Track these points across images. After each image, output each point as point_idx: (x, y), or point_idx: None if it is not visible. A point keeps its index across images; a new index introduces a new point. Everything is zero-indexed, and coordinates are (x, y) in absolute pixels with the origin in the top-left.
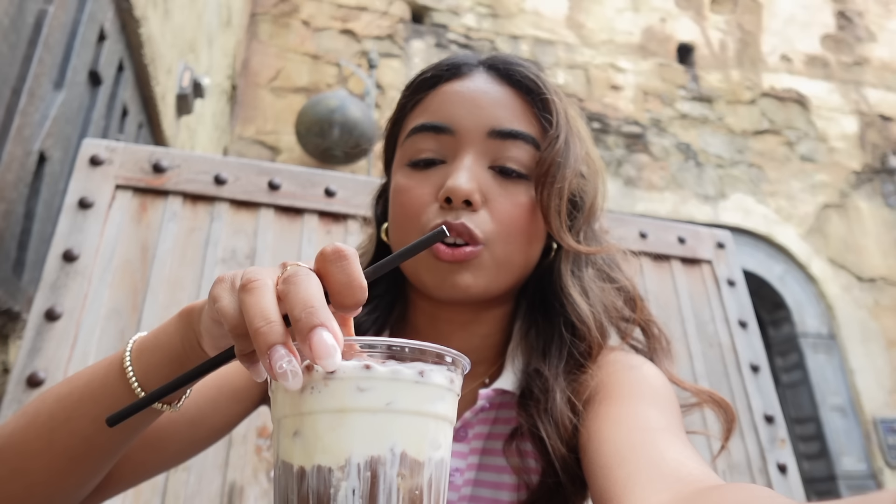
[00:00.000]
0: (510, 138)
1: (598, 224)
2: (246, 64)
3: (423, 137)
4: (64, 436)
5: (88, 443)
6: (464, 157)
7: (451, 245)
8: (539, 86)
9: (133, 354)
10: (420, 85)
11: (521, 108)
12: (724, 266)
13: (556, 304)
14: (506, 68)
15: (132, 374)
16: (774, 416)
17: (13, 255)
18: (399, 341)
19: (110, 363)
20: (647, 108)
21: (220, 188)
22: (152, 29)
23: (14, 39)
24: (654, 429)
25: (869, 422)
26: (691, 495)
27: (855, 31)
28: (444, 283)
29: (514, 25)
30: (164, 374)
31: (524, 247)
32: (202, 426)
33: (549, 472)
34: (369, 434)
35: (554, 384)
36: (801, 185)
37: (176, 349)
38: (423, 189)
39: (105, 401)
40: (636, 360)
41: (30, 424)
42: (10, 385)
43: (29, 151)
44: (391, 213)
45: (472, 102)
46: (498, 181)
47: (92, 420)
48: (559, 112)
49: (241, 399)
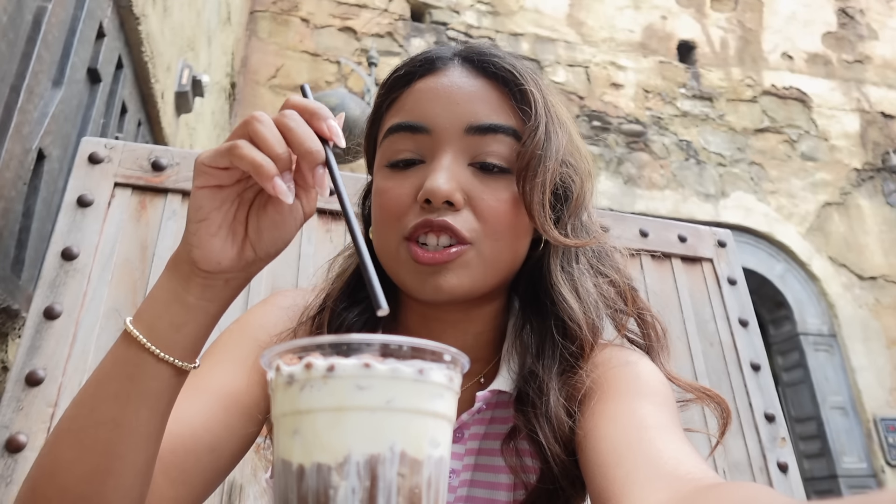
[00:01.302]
0: (489, 133)
1: (586, 215)
2: (245, 62)
3: (400, 138)
4: (91, 429)
5: (117, 427)
6: (442, 157)
7: (434, 248)
8: (515, 76)
9: (134, 321)
10: (394, 83)
11: (498, 101)
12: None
13: (547, 303)
14: (480, 60)
15: (137, 332)
16: (775, 414)
17: (12, 253)
18: (398, 339)
19: (115, 344)
20: (648, 107)
21: None
22: (151, 26)
23: (13, 37)
24: (651, 426)
25: (870, 421)
26: (690, 494)
27: (856, 29)
28: (425, 285)
29: (514, 23)
30: (167, 320)
31: (512, 243)
32: (222, 451)
33: (548, 475)
34: (368, 432)
35: (549, 386)
36: (802, 183)
37: (173, 290)
38: (402, 190)
39: (120, 371)
40: (632, 356)
41: (56, 438)
42: (9, 383)
43: (28, 149)
44: (374, 215)
45: (447, 99)
46: (479, 178)
47: (114, 398)
48: (537, 102)
49: (251, 416)
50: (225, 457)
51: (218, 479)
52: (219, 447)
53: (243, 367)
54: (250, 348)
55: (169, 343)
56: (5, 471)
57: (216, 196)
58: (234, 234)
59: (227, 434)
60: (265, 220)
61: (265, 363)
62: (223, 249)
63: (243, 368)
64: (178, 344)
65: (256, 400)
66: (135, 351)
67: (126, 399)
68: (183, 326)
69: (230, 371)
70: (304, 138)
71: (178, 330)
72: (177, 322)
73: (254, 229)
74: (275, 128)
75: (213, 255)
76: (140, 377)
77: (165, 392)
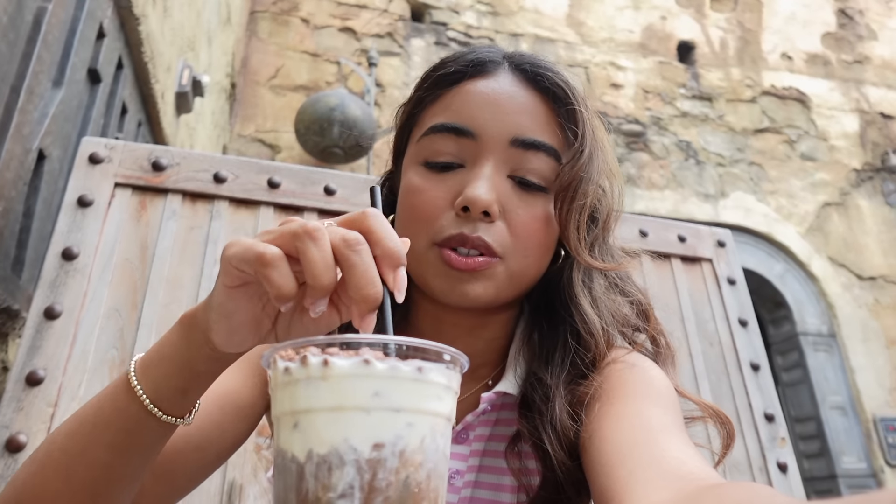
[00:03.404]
0: (532, 149)
1: (611, 238)
2: (245, 62)
3: (443, 138)
4: (82, 469)
5: (108, 471)
6: (484, 165)
7: (465, 255)
8: (567, 94)
9: (138, 372)
10: (441, 79)
11: (545, 117)
12: (725, 265)
13: (563, 313)
14: (533, 72)
15: (141, 390)
16: (774, 414)
17: (12, 253)
18: (398, 339)
19: (115, 387)
20: (648, 107)
21: (220, 186)
22: (151, 27)
23: (13, 37)
24: (655, 427)
25: (869, 421)
26: (692, 494)
27: (856, 30)
28: (453, 290)
29: (513, 23)
30: (173, 384)
31: (538, 259)
32: (209, 450)
33: (552, 482)
34: (367, 430)
35: (555, 393)
36: (802, 183)
37: (182, 355)
38: (437, 193)
39: (118, 423)
40: (638, 358)
41: (44, 466)
42: (10, 383)
43: (28, 149)
44: (399, 210)
45: (496, 106)
46: (516, 192)
47: (107, 447)
48: (585, 123)
49: (245, 416)
50: (212, 455)
51: (203, 475)
52: (207, 447)
53: (242, 367)
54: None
55: (172, 406)
56: (5, 470)
57: (243, 296)
58: (259, 327)
59: (217, 434)
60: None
61: (265, 362)
62: (243, 341)
63: (242, 368)
64: (180, 406)
65: (252, 400)
66: (136, 409)
67: (120, 449)
68: (188, 392)
69: (228, 371)
70: (367, 283)
71: (183, 395)
72: (182, 387)
73: (283, 327)
74: (330, 253)
75: (231, 344)
76: (138, 432)
77: (159, 443)
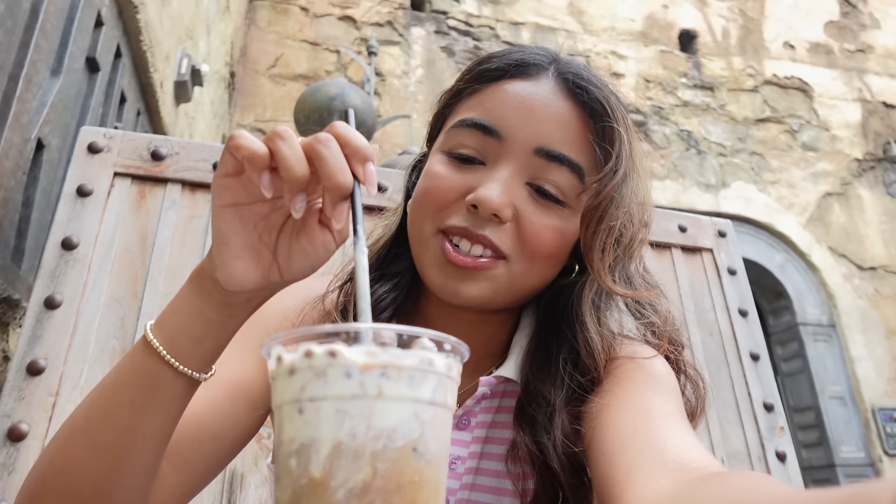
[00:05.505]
0: (556, 161)
1: (633, 265)
2: (244, 51)
3: (469, 132)
4: (105, 432)
5: (130, 433)
6: (502, 168)
7: (466, 253)
8: (606, 110)
9: (154, 329)
10: (481, 74)
11: (578, 131)
12: (725, 255)
13: (566, 328)
14: (576, 83)
15: (157, 343)
16: (774, 404)
17: (12, 243)
18: (398, 327)
19: (133, 350)
20: (649, 96)
21: None
22: (150, 15)
23: (11, 25)
24: (657, 416)
25: (868, 410)
26: (693, 482)
27: (859, 19)
28: (445, 286)
29: (514, 12)
30: (188, 334)
31: (543, 269)
32: (225, 440)
33: (549, 490)
34: (368, 419)
35: (556, 406)
36: (803, 173)
37: (195, 304)
38: (452, 183)
39: (138, 380)
40: (638, 347)
41: (68, 436)
42: (11, 373)
43: (27, 139)
44: (415, 192)
45: (528, 112)
46: (532, 199)
47: (129, 407)
48: (623, 144)
49: (257, 406)
50: (228, 445)
51: (220, 465)
52: (223, 436)
53: (253, 356)
54: (261, 336)
55: (188, 356)
56: (7, 460)
57: (235, 217)
58: (260, 258)
59: (231, 423)
60: (296, 247)
61: (265, 352)
62: (246, 272)
63: (253, 357)
64: (197, 357)
65: (264, 390)
66: (154, 362)
67: (142, 407)
68: (203, 341)
69: (239, 360)
70: (336, 171)
71: (198, 344)
72: (197, 336)
73: (284, 255)
74: (299, 148)
75: (235, 277)
76: (157, 387)
77: (180, 400)
